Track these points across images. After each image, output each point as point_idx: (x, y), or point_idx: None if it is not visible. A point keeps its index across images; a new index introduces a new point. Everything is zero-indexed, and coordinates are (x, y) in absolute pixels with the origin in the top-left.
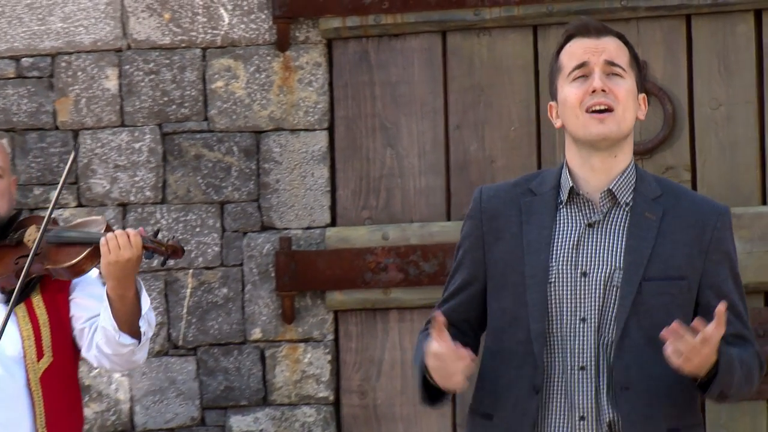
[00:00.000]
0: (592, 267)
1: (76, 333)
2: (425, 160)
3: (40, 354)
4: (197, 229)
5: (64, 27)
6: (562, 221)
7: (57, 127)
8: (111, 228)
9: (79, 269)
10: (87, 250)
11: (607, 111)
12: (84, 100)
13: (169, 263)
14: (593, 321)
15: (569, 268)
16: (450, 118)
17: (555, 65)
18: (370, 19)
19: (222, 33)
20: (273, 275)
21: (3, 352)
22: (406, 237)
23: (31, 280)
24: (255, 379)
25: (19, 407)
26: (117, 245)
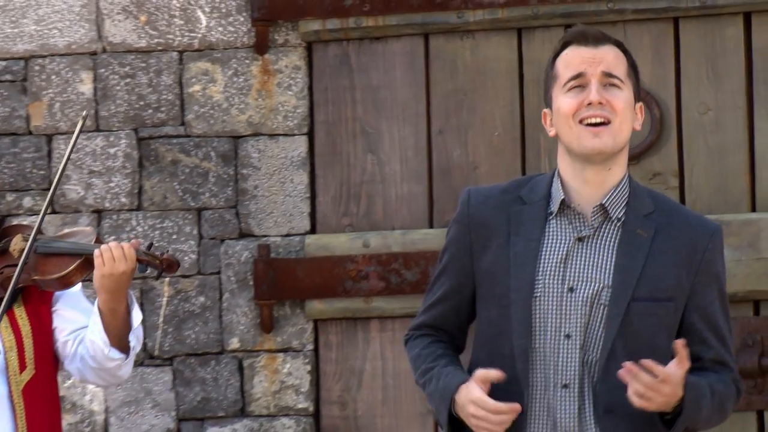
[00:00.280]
0: (579, 283)
1: (58, 345)
2: (407, 165)
3: (22, 366)
4: (174, 237)
5: (37, 30)
6: (551, 233)
7: (30, 132)
8: (101, 239)
9: (69, 281)
10: (77, 261)
11: (603, 124)
12: (58, 104)
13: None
14: (578, 338)
15: (556, 282)
16: (432, 122)
17: (550, 72)
18: (350, 22)
19: (199, 36)
20: (251, 283)
21: None
22: (387, 244)
23: (16, 290)
24: (233, 390)
25: (1, 419)
26: (112, 257)
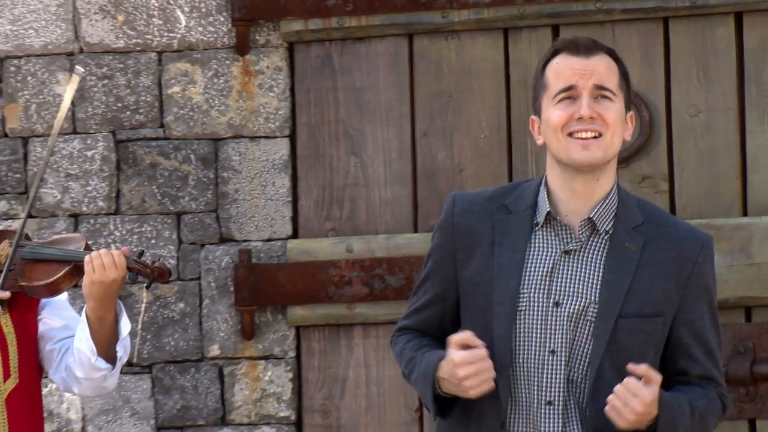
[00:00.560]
0: (565, 297)
1: (43, 354)
2: (391, 168)
3: (6, 374)
4: (152, 241)
5: (13, 30)
6: (536, 245)
7: (6, 134)
8: (89, 246)
9: (57, 288)
10: (66, 268)
11: (594, 138)
12: (34, 106)
13: None
14: (563, 354)
15: (541, 296)
16: (417, 125)
17: (540, 80)
18: (333, 22)
19: (179, 36)
20: (232, 289)
21: None
22: (371, 249)
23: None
24: (213, 398)
25: None
26: (102, 264)
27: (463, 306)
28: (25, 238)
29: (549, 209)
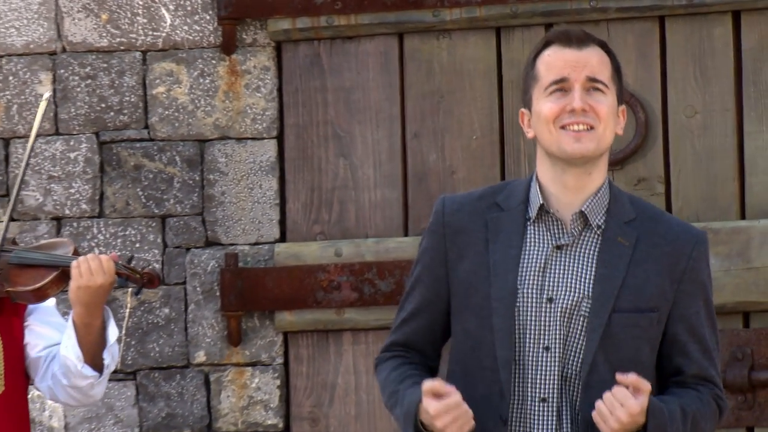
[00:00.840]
0: (558, 293)
1: (29, 361)
2: (381, 171)
3: None
4: (137, 245)
5: None
6: (530, 240)
7: None
8: (78, 251)
9: (44, 293)
10: (53, 273)
11: (586, 130)
12: (16, 106)
13: None
14: (557, 350)
15: (535, 292)
16: (407, 126)
17: (531, 72)
18: (322, 20)
19: (163, 35)
20: (218, 294)
21: None
22: (360, 253)
23: None
24: (199, 405)
25: None
26: (89, 269)
27: (455, 308)
28: (12, 242)
29: (542, 202)
